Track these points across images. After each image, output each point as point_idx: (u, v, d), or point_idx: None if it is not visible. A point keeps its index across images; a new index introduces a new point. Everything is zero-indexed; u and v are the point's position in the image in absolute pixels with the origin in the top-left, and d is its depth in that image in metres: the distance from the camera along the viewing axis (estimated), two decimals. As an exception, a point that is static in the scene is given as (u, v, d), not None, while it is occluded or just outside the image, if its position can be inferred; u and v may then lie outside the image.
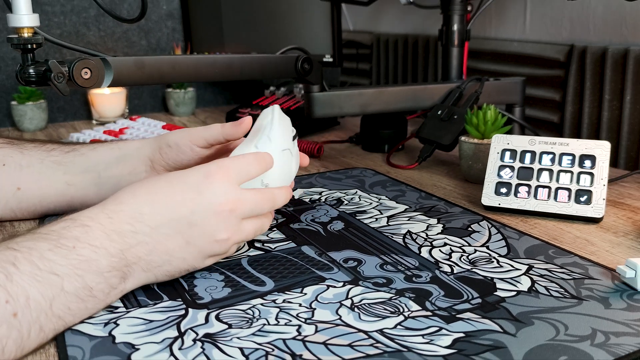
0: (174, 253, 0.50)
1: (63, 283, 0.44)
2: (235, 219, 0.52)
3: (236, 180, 0.53)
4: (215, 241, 0.51)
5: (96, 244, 0.46)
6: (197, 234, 0.50)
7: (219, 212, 0.51)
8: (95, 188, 0.67)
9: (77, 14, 1.39)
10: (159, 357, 0.42)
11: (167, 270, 0.50)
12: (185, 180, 0.52)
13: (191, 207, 0.50)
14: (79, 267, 0.45)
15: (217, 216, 0.51)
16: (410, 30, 1.35)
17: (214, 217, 0.50)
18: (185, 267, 0.51)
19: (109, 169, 0.67)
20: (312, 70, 0.87)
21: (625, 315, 0.46)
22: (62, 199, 0.68)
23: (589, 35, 0.97)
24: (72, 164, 0.68)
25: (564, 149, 0.69)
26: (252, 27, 1.29)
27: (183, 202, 0.50)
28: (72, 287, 0.44)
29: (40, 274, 0.43)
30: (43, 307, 0.42)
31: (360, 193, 0.78)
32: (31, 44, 0.61)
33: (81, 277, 0.45)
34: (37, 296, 0.42)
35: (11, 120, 1.34)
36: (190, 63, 0.76)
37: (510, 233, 0.63)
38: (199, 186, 0.51)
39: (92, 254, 0.46)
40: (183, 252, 0.50)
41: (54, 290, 0.43)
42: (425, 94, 0.93)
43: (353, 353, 0.42)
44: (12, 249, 0.43)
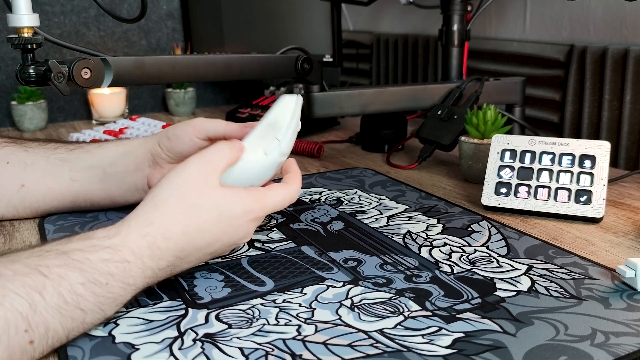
0: (194, 262, 0.51)
1: (85, 317, 0.43)
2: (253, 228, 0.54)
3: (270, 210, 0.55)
4: (230, 247, 0.53)
5: (129, 282, 0.46)
6: (218, 246, 0.52)
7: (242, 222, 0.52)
8: (100, 184, 0.67)
9: (77, 14, 1.39)
10: (158, 357, 0.42)
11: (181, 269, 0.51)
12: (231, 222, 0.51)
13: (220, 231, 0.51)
14: (105, 303, 0.45)
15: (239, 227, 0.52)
16: (410, 30, 1.35)
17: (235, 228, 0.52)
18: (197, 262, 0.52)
19: (113, 166, 0.67)
20: (312, 70, 0.87)
21: (625, 315, 0.46)
22: (66, 195, 0.68)
23: (589, 35, 0.97)
24: (77, 160, 0.68)
25: (564, 149, 0.69)
26: (252, 27, 1.29)
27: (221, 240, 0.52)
28: (93, 319, 0.44)
29: (66, 308, 0.42)
30: (60, 336, 0.42)
31: (360, 193, 0.78)
32: (31, 44, 0.61)
33: (104, 311, 0.45)
34: (58, 328, 0.42)
35: (11, 120, 1.34)
36: (190, 63, 0.76)
37: (510, 233, 0.63)
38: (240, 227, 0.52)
39: (122, 291, 0.46)
40: (201, 258, 0.52)
41: (75, 323, 0.43)
42: (425, 94, 0.93)
43: (353, 353, 0.42)
44: (43, 275, 0.42)
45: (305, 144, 0.99)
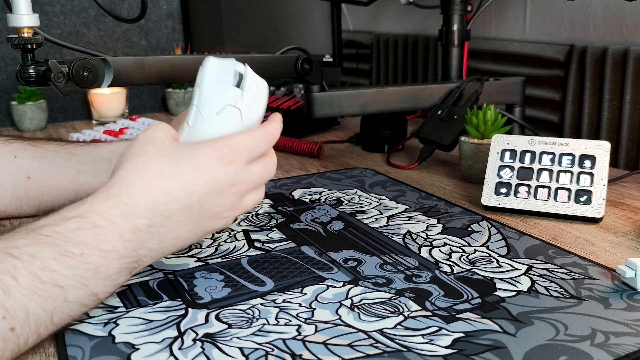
0: (182, 235, 0.49)
1: (67, 294, 0.41)
2: (240, 195, 0.51)
3: (245, 161, 0.51)
4: (219, 219, 0.51)
5: (107, 248, 0.43)
6: (205, 216, 0.50)
7: (229, 195, 0.50)
8: (105, 175, 0.66)
9: (77, 14, 1.39)
10: (158, 357, 0.42)
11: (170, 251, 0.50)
12: (196, 164, 0.49)
13: (204, 192, 0.49)
14: (85, 276, 0.42)
15: (226, 198, 0.50)
16: (410, 30, 1.35)
17: (222, 199, 0.50)
18: (191, 242, 0.51)
19: None
20: (312, 70, 0.87)
21: (625, 315, 0.46)
22: (70, 187, 0.67)
23: (589, 35, 0.97)
24: (85, 154, 0.68)
25: (563, 149, 0.69)
26: (252, 27, 1.29)
27: (197, 188, 0.48)
28: (76, 296, 0.42)
29: (42, 287, 0.40)
30: (43, 319, 0.40)
31: (360, 193, 0.78)
32: (31, 44, 0.61)
33: (87, 286, 0.42)
34: (38, 310, 0.40)
35: (11, 120, 1.34)
36: (190, 63, 0.76)
37: (510, 233, 0.63)
38: (213, 171, 0.49)
39: (101, 260, 0.43)
40: (190, 233, 0.49)
41: (57, 302, 0.41)
42: (425, 94, 0.93)
43: (353, 353, 0.42)
44: (13, 257, 0.40)
45: (305, 144, 0.99)
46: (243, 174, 0.51)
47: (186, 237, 0.49)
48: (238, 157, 0.50)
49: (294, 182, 0.83)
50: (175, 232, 0.48)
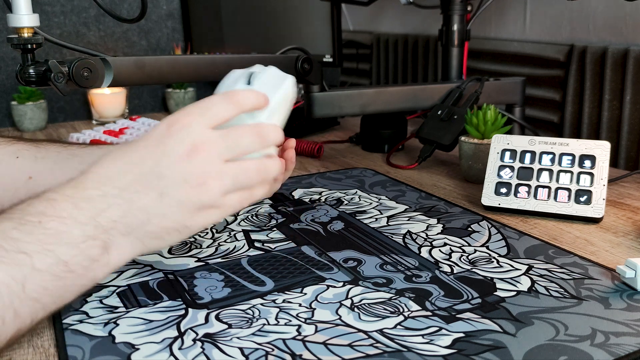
0: (150, 209, 0.46)
1: (33, 261, 0.41)
2: (208, 159, 0.47)
3: (204, 123, 0.48)
4: (192, 188, 0.46)
5: (63, 215, 0.43)
6: (168, 184, 0.46)
7: (186, 155, 0.46)
8: None
9: (77, 14, 1.39)
10: (158, 357, 0.42)
11: (150, 232, 0.46)
12: (148, 135, 0.48)
13: (155, 158, 0.46)
14: (48, 241, 0.42)
15: (184, 160, 0.46)
16: (410, 30, 1.35)
17: (181, 162, 0.46)
18: (171, 224, 0.46)
19: None
20: (312, 70, 0.87)
21: (625, 315, 0.46)
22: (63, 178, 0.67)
23: (589, 35, 0.97)
24: (88, 155, 0.68)
25: (564, 149, 0.69)
26: (252, 27, 1.29)
27: (147, 154, 0.47)
28: (44, 264, 0.41)
29: (7, 255, 0.40)
30: (14, 290, 0.39)
31: (360, 193, 0.78)
32: (31, 44, 0.61)
33: (52, 251, 0.42)
34: (7, 279, 0.39)
35: (11, 120, 1.34)
36: (190, 63, 0.76)
37: (510, 233, 0.63)
38: (162, 137, 0.47)
39: (61, 226, 0.43)
40: (160, 206, 0.46)
41: (24, 270, 0.40)
42: (425, 94, 0.93)
43: (353, 353, 0.42)
44: None
45: (305, 144, 0.99)
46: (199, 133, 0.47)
47: (158, 212, 0.46)
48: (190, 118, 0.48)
49: (294, 182, 0.83)
50: (139, 204, 0.46)
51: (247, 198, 0.50)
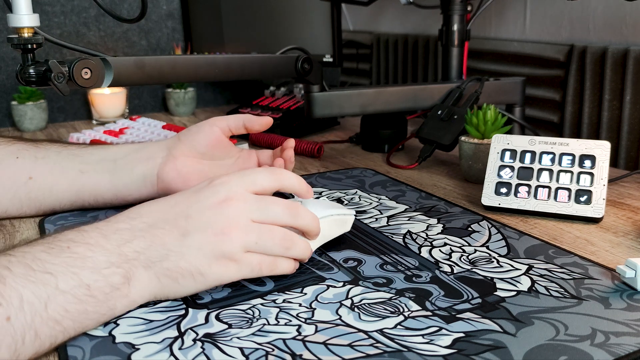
0: (171, 246, 0.47)
1: (57, 282, 0.42)
2: (237, 212, 0.48)
3: (243, 184, 0.50)
4: (214, 234, 0.47)
5: (91, 242, 0.45)
6: (193, 225, 0.48)
7: (217, 204, 0.48)
8: (108, 175, 0.68)
9: (77, 14, 1.39)
10: (159, 357, 0.42)
11: (167, 269, 0.47)
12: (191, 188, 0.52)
13: (188, 203, 0.49)
14: (74, 264, 0.43)
15: (214, 207, 0.48)
16: (410, 30, 1.35)
17: (210, 209, 0.48)
18: (186, 265, 0.47)
19: (126, 157, 0.68)
20: (312, 70, 0.87)
21: (625, 315, 0.46)
22: (72, 187, 0.68)
23: (589, 35, 0.97)
24: (89, 155, 0.69)
25: (564, 149, 0.69)
26: (252, 27, 1.29)
27: (182, 200, 0.50)
28: (67, 285, 0.42)
29: (34, 275, 0.41)
30: (37, 308, 0.40)
31: (360, 193, 0.78)
32: (31, 44, 0.61)
33: (76, 274, 0.43)
34: (31, 297, 0.40)
35: (11, 120, 1.34)
36: (190, 63, 0.76)
37: (510, 233, 0.63)
38: (201, 188, 0.51)
39: (87, 252, 0.45)
40: (180, 245, 0.47)
41: (48, 289, 0.41)
42: (425, 94, 0.93)
43: (353, 353, 0.42)
44: (8, 254, 0.43)
45: (305, 144, 0.99)
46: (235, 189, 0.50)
47: (177, 250, 0.47)
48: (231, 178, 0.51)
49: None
50: (162, 240, 0.47)
51: (268, 265, 0.50)
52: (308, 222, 0.52)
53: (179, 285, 0.48)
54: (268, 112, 1.16)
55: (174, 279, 0.47)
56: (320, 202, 0.60)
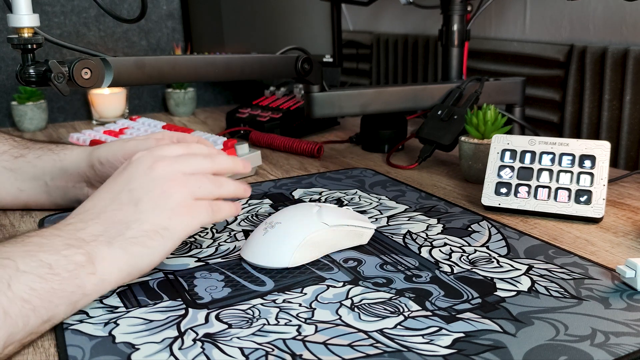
0: (129, 218, 0.50)
1: (17, 264, 0.43)
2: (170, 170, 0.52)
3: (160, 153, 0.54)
4: (162, 192, 0.51)
5: (45, 234, 0.47)
6: (138, 194, 0.51)
7: (149, 169, 0.52)
8: (45, 195, 0.70)
9: (77, 14, 1.39)
10: (159, 357, 0.42)
11: (131, 238, 0.49)
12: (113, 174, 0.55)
13: (123, 181, 0.52)
14: (31, 249, 0.45)
15: (149, 173, 0.52)
16: (410, 30, 1.35)
17: (146, 174, 0.52)
18: (149, 227, 0.50)
19: (54, 180, 0.69)
20: (312, 70, 0.87)
21: (625, 315, 0.46)
22: (17, 203, 0.71)
23: (589, 35, 0.97)
24: (20, 171, 0.69)
25: (564, 149, 0.69)
26: (252, 27, 1.29)
27: (115, 183, 0.52)
28: (28, 266, 0.43)
29: None
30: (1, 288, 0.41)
31: (360, 193, 0.78)
32: (31, 44, 0.61)
33: (35, 256, 0.44)
34: None
35: (11, 120, 1.34)
36: (190, 63, 0.76)
37: (510, 233, 0.63)
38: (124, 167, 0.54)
39: (43, 240, 0.46)
40: (137, 214, 0.50)
41: (9, 271, 0.42)
42: (425, 94, 0.93)
43: (353, 353, 0.42)
44: None
45: (305, 144, 0.99)
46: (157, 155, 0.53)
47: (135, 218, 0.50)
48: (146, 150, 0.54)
49: (294, 182, 0.83)
50: (117, 218, 0.50)
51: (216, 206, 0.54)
52: (226, 163, 0.57)
53: (148, 249, 0.49)
54: (268, 112, 1.16)
55: (142, 244, 0.49)
56: (343, 212, 0.60)
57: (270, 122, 1.12)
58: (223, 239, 0.63)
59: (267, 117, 1.14)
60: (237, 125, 1.16)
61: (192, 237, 0.63)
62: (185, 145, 0.57)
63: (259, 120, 1.14)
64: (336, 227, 0.57)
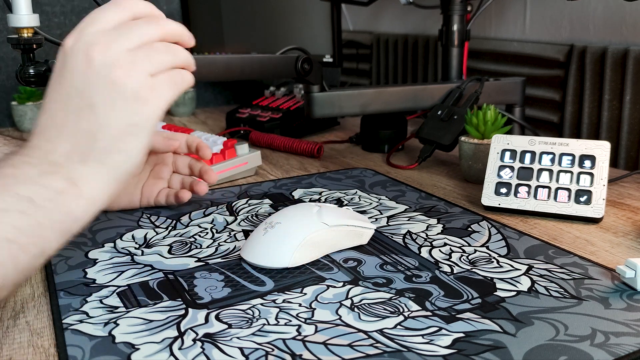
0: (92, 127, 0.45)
1: None
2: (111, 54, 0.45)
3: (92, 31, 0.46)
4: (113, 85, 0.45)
5: (15, 164, 0.43)
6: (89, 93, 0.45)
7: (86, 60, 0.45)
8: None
9: (77, 15, 1.39)
10: (158, 357, 0.42)
11: (104, 148, 0.45)
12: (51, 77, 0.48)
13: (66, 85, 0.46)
14: (4, 183, 0.42)
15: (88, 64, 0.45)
16: (410, 30, 1.35)
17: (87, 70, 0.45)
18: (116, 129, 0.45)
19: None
20: (312, 70, 0.87)
21: (625, 315, 0.46)
22: None
23: (589, 35, 0.97)
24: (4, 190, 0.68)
25: (563, 149, 0.69)
26: (252, 27, 1.29)
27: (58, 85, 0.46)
28: (6, 203, 0.41)
29: None
30: None
31: (360, 193, 0.78)
32: (31, 44, 0.62)
33: (11, 191, 0.41)
34: None
35: (11, 120, 1.34)
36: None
37: (510, 233, 0.63)
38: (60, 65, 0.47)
39: (15, 171, 0.43)
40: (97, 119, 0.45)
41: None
42: (425, 94, 0.93)
43: (353, 353, 0.42)
44: None
45: (305, 144, 0.99)
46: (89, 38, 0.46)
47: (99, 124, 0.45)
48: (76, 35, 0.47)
49: (294, 182, 0.83)
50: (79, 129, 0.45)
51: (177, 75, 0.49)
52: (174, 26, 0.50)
53: (126, 152, 0.46)
54: (268, 112, 1.16)
55: (116, 151, 0.46)
56: (343, 212, 0.60)
57: (270, 122, 1.12)
58: (223, 239, 0.63)
59: (267, 117, 1.14)
60: (237, 126, 1.16)
61: (192, 237, 0.63)
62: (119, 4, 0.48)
63: (259, 120, 1.14)
64: (336, 227, 0.57)
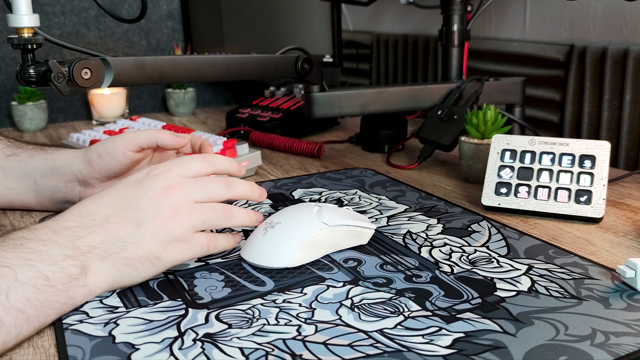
0: (127, 238, 0.50)
1: (16, 274, 0.44)
2: (181, 197, 0.52)
3: (180, 172, 0.54)
4: (165, 220, 0.51)
5: (44, 239, 0.47)
6: (144, 215, 0.50)
7: (162, 192, 0.51)
8: (33, 194, 0.70)
9: (77, 15, 1.39)
10: (159, 357, 0.42)
11: (125, 259, 0.49)
12: (128, 179, 0.54)
13: (134, 195, 0.51)
14: (30, 257, 0.45)
15: (160, 196, 0.51)
16: (410, 30, 1.35)
17: (156, 197, 0.51)
18: (144, 253, 0.50)
19: (44, 179, 0.69)
20: (312, 70, 0.87)
21: (625, 315, 0.46)
22: (2, 201, 0.70)
23: (589, 35, 0.97)
24: (11, 168, 0.69)
25: (564, 149, 0.69)
26: (252, 27, 1.29)
27: (126, 193, 0.52)
28: (26, 277, 0.44)
29: None
30: None
31: (360, 193, 0.78)
32: (31, 44, 0.61)
33: (33, 266, 0.45)
34: None
35: (11, 120, 1.34)
36: (190, 63, 0.76)
37: (510, 233, 0.63)
38: (141, 179, 0.53)
39: (41, 247, 0.46)
40: (135, 236, 0.50)
41: (8, 281, 0.43)
42: (425, 94, 0.93)
43: (353, 353, 0.42)
44: None
45: (305, 144, 0.99)
46: (174, 177, 0.53)
47: (133, 240, 0.50)
48: (168, 167, 0.54)
49: (294, 182, 0.83)
50: (117, 234, 0.50)
51: (213, 241, 0.54)
52: (243, 189, 0.56)
53: (137, 272, 0.50)
54: (268, 112, 1.16)
55: (132, 266, 0.50)
56: (343, 212, 0.60)
57: (270, 122, 1.12)
58: (223, 239, 0.63)
59: (267, 117, 1.14)
60: (237, 126, 1.16)
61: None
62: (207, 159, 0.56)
63: (259, 120, 1.14)
64: (336, 227, 0.57)
